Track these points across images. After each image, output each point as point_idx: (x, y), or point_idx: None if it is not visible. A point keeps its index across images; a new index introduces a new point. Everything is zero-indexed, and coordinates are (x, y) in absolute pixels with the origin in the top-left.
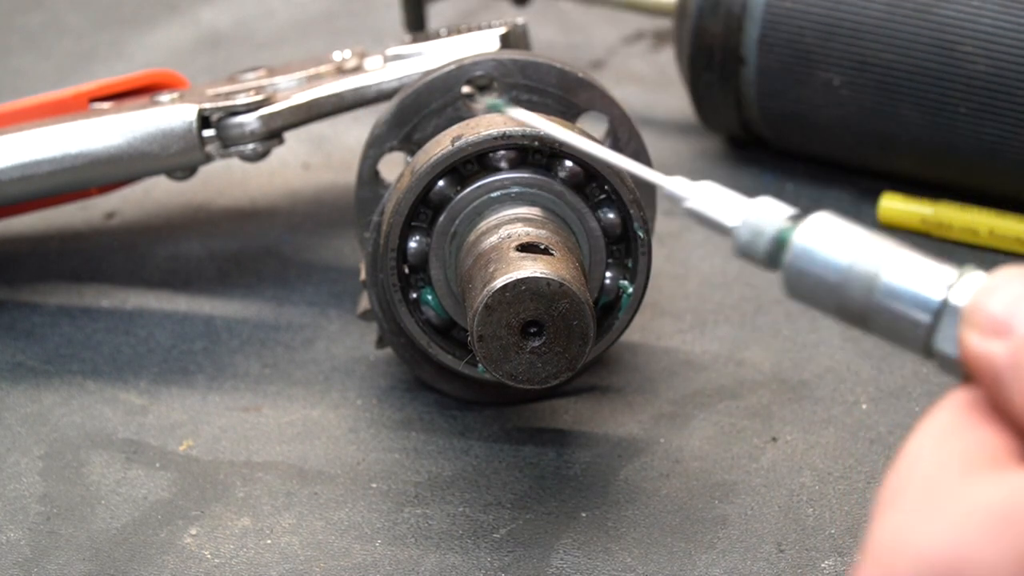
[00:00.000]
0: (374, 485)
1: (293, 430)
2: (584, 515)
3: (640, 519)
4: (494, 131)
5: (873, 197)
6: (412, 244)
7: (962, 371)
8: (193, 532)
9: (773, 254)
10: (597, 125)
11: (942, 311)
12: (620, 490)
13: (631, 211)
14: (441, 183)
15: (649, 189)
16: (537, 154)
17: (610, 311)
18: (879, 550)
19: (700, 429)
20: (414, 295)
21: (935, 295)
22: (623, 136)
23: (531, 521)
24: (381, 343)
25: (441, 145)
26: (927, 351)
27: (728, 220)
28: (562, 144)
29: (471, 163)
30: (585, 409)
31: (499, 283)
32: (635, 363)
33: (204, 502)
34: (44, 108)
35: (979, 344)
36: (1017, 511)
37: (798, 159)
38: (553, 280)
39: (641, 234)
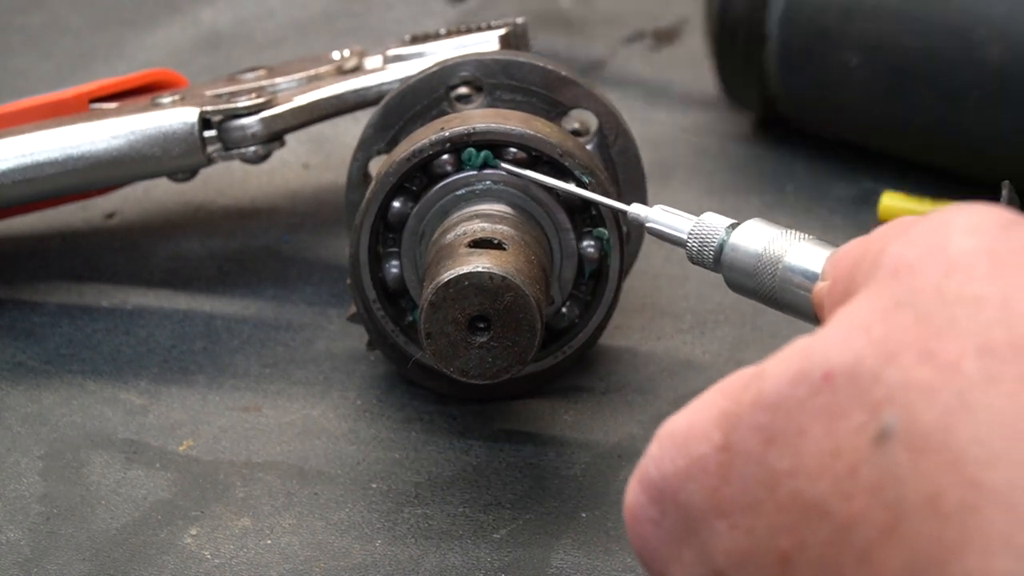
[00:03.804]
0: (374, 485)
1: (293, 430)
2: (584, 515)
3: None
4: (406, 153)
5: (875, 198)
6: (392, 271)
7: None
8: (193, 532)
9: (717, 257)
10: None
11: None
12: (620, 490)
13: (565, 164)
14: (396, 204)
15: (640, 188)
16: (473, 149)
17: (600, 275)
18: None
19: None
20: (410, 318)
21: (819, 267)
22: (610, 133)
23: (531, 521)
24: (371, 345)
25: (376, 179)
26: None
27: (681, 235)
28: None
29: (418, 177)
30: (585, 409)
31: (443, 279)
32: (635, 363)
33: (204, 502)
34: (44, 108)
35: (817, 287)
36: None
37: (798, 153)
38: (496, 274)
39: (586, 179)
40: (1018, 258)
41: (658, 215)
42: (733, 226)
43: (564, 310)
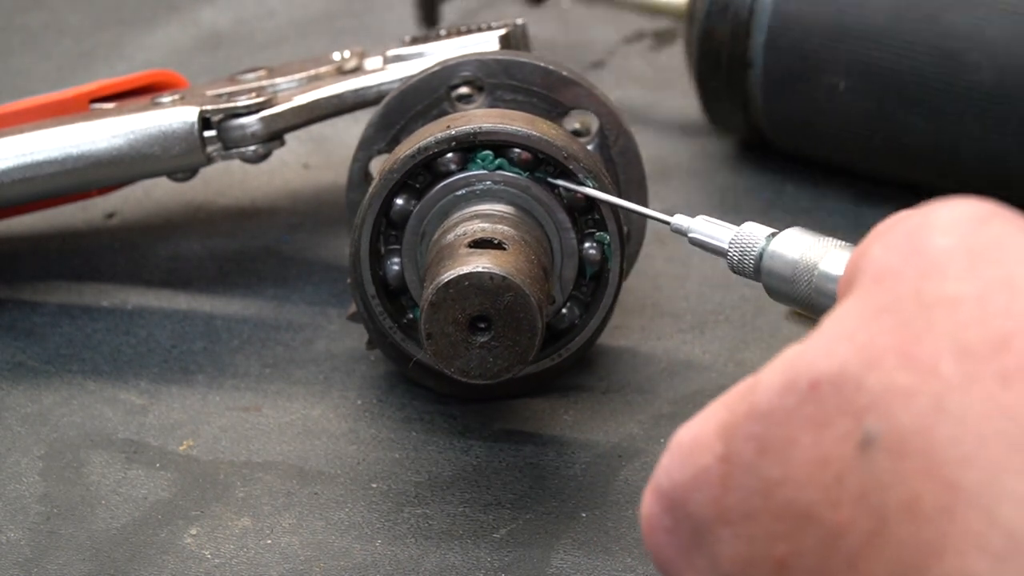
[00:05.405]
0: (374, 485)
1: (293, 430)
2: (584, 515)
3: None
4: (411, 150)
5: (872, 201)
6: (393, 268)
7: None
8: (193, 532)
9: (757, 266)
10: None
11: None
12: (620, 490)
13: (570, 167)
14: (399, 202)
15: (642, 188)
16: (481, 149)
17: (600, 277)
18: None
19: None
20: (409, 316)
21: None
22: (611, 134)
23: (531, 521)
24: (371, 344)
25: (380, 175)
26: None
27: (722, 245)
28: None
29: (422, 175)
30: (585, 409)
31: (443, 279)
32: (635, 363)
33: (204, 502)
34: (45, 109)
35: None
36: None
37: (804, 163)
38: (496, 274)
39: (589, 182)
40: (994, 253)
41: (700, 226)
42: (773, 235)
43: (564, 311)
